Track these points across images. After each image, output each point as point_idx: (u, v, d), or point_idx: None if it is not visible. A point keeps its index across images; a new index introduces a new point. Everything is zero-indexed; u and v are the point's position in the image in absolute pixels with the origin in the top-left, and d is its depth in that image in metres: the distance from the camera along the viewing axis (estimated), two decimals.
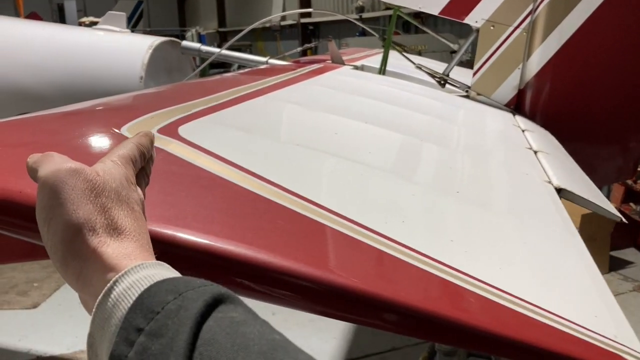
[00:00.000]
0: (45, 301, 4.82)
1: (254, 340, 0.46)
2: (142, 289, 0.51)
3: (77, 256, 0.56)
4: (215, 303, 0.49)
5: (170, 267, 0.57)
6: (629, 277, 5.29)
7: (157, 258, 0.60)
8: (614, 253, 5.60)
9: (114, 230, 0.57)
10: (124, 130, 1.08)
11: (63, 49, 2.79)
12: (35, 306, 4.74)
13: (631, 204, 5.85)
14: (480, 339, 0.71)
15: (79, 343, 4.25)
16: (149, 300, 0.50)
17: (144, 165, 0.70)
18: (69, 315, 4.62)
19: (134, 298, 0.51)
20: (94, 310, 0.53)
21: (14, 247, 1.11)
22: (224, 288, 0.52)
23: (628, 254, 5.84)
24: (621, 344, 0.75)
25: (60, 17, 14.30)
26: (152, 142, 0.72)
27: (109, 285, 0.53)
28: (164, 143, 1.03)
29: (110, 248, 0.56)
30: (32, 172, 0.61)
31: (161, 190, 0.86)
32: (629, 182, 5.48)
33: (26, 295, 4.91)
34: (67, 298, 4.87)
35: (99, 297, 0.53)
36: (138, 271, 0.53)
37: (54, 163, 0.59)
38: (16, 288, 5.03)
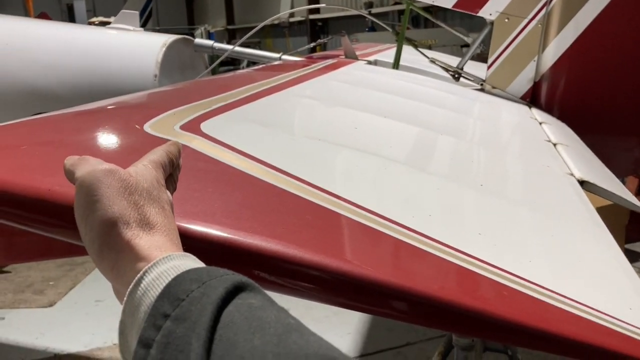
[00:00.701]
0: (61, 300, 4.85)
1: (270, 324, 0.49)
2: (170, 279, 0.55)
3: (112, 248, 0.60)
4: (235, 290, 0.52)
5: (196, 259, 0.61)
6: None
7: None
8: (628, 246, 5.56)
9: (146, 224, 0.62)
10: (147, 127, 1.08)
11: (77, 48, 2.80)
12: (51, 305, 4.77)
13: None
14: (517, 332, 0.70)
15: (95, 340, 4.28)
16: (175, 289, 0.54)
17: (172, 172, 0.75)
18: (85, 313, 4.66)
19: (162, 287, 0.55)
20: (125, 298, 0.57)
21: (30, 246, 1.12)
22: (244, 277, 0.55)
23: None
24: None
25: (69, 17, 14.38)
26: (180, 151, 0.77)
27: (139, 275, 0.57)
28: (187, 139, 1.03)
29: (143, 240, 0.60)
30: (70, 174, 0.67)
31: (188, 186, 0.86)
32: None
33: (42, 294, 4.95)
34: (83, 296, 4.91)
35: (130, 286, 0.57)
36: (166, 262, 0.57)
37: (90, 164, 0.65)
38: (32, 287, 5.07)
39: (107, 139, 1.01)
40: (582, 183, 1.40)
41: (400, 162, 1.22)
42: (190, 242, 0.73)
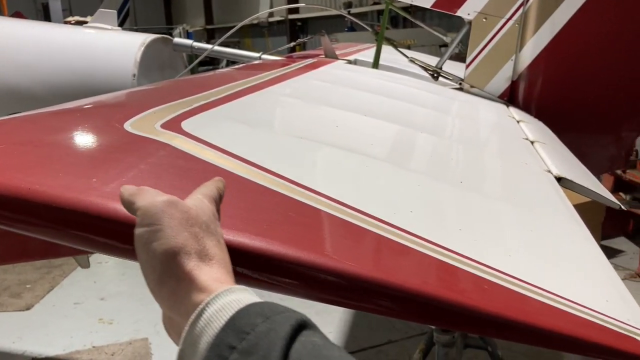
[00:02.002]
0: (39, 302, 4.78)
1: None
2: (233, 311, 0.58)
3: (173, 276, 0.63)
4: (299, 328, 0.56)
5: (252, 292, 0.63)
6: (620, 265, 5.35)
7: None
8: (605, 242, 5.66)
9: (205, 256, 0.64)
10: (127, 126, 1.07)
11: (54, 47, 2.76)
12: (28, 308, 4.70)
13: (621, 193, 5.90)
14: (496, 325, 0.71)
15: (74, 344, 4.22)
16: (240, 321, 0.56)
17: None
18: (64, 316, 4.59)
19: (225, 319, 0.57)
20: (186, 328, 0.59)
21: (5, 248, 1.10)
22: (304, 315, 0.58)
23: (619, 242, 5.91)
24: (635, 327, 0.76)
25: (45, 16, 14.14)
26: (224, 186, 0.78)
27: (202, 305, 0.59)
28: (168, 138, 1.02)
29: (203, 271, 0.63)
30: (129, 203, 0.69)
31: (170, 184, 0.86)
32: (619, 171, 5.53)
33: (19, 297, 4.87)
34: (61, 299, 4.84)
35: (192, 316, 0.59)
36: (228, 294, 0.60)
37: (150, 194, 0.69)
38: (8, 290, 4.99)
39: (87, 138, 1.00)
40: (560, 180, 1.43)
41: (381, 160, 1.23)
42: None
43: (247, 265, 0.73)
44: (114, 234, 0.75)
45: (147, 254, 0.64)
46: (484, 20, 2.65)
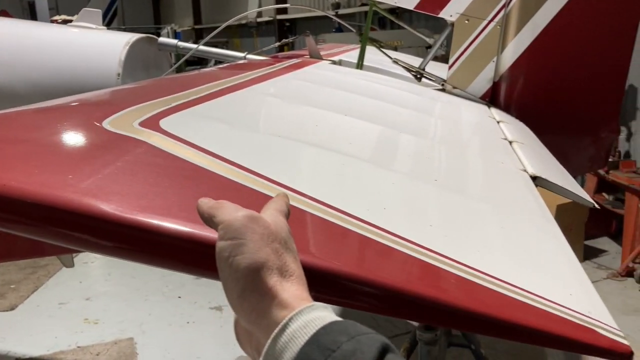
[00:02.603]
0: (23, 303, 4.76)
1: None
2: (317, 328, 0.59)
3: (255, 291, 0.64)
4: (384, 351, 0.57)
5: (331, 309, 0.64)
6: (603, 265, 5.42)
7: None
8: (588, 242, 5.73)
9: (286, 272, 0.65)
10: (106, 124, 1.08)
11: (38, 46, 2.75)
12: (12, 308, 4.68)
13: (604, 193, 5.97)
14: (462, 317, 0.73)
15: (59, 344, 4.21)
16: (324, 338, 0.58)
17: None
18: (48, 316, 4.58)
19: (309, 335, 0.59)
20: (268, 342, 0.61)
21: None
22: (385, 338, 0.60)
23: (602, 242, 5.98)
24: (595, 319, 0.78)
25: (31, 15, 14.03)
26: (289, 200, 0.79)
27: (285, 321, 0.61)
28: (146, 136, 1.04)
29: (284, 288, 0.64)
30: (208, 216, 0.70)
31: (146, 181, 0.87)
32: (602, 172, 5.60)
33: (3, 297, 4.85)
34: (45, 299, 4.82)
35: (275, 331, 0.60)
36: (310, 312, 0.61)
37: (230, 209, 0.69)
38: None
39: (65, 136, 1.01)
40: (535, 179, 1.45)
41: (359, 158, 1.25)
42: (145, 236, 0.75)
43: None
44: (89, 229, 0.76)
45: (230, 268, 0.65)
46: (466, 22, 2.68)
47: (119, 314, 4.66)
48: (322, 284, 0.73)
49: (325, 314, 0.61)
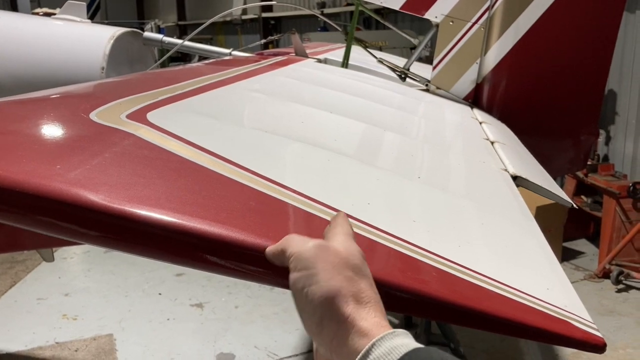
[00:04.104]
0: (0, 298, 4.70)
1: None
2: (400, 355, 0.60)
3: (333, 319, 0.65)
4: None
5: (411, 335, 0.65)
6: (580, 266, 5.51)
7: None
8: (566, 244, 5.82)
9: (362, 299, 0.66)
10: (93, 115, 1.08)
11: (21, 38, 2.72)
12: None
13: (582, 196, 6.06)
14: (442, 309, 0.76)
15: (37, 339, 4.17)
16: None
17: None
18: (26, 312, 4.53)
19: None
20: None
21: None
22: None
23: (580, 244, 6.08)
24: (571, 313, 0.81)
25: (12, 7, 13.83)
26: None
27: (367, 347, 0.61)
28: (133, 128, 1.04)
29: (362, 315, 0.64)
30: (279, 253, 0.72)
31: (133, 172, 0.88)
32: (581, 175, 5.68)
33: None
34: (23, 294, 4.77)
35: (357, 358, 0.61)
36: (392, 338, 0.62)
37: (299, 241, 0.71)
38: None
39: (52, 127, 1.02)
40: (515, 178, 1.49)
41: (343, 155, 1.27)
42: (132, 226, 0.76)
43: (206, 250, 0.76)
44: (77, 219, 0.77)
45: (305, 299, 0.66)
46: (451, 23, 2.71)
47: (99, 310, 4.62)
48: None
49: (408, 341, 0.62)
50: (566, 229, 5.62)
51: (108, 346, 4.11)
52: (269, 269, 0.76)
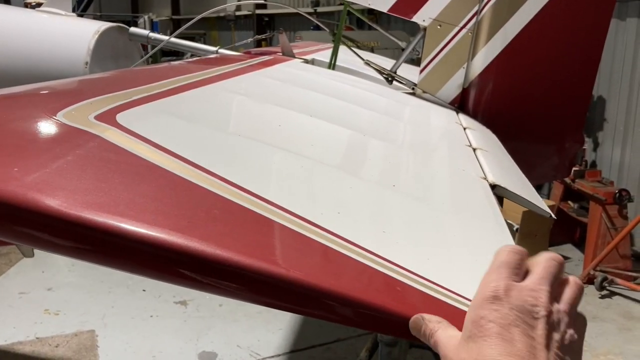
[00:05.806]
0: None
1: None
2: None
3: None
4: None
5: None
6: (566, 272, 5.51)
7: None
8: (552, 249, 5.84)
9: None
10: (60, 116, 1.06)
11: (1, 30, 2.68)
12: None
13: (569, 202, 6.09)
14: (404, 325, 0.74)
15: (17, 334, 4.13)
16: None
17: None
18: (7, 306, 4.49)
19: None
20: None
21: None
22: None
23: (565, 249, 6.10)
24: None
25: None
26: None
27: None
28: (100, 130, 1.02)
29: None
30: (423, 336, 0.73)
31: (95, 177, 0.85)
32: (568, 181, 5.70)
33: None
34: (5, 289, 4.72)
35: None
36: None
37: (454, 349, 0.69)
38: None
39: (15, 126, 0.99)
40: (494, 187, 1.47)
41: (318, 161, 1.25)
42: (89, 233, 0.74)
43: (166, 261, 0.74)
44: (32, 224, 0.75)
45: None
46: (439, 27, 2.70)
47: (81, 306, 4.59)
48: (270, 287, 0.72)
49: None
50: (552, 234, 5.64)
51: (89, 342, 4.08)
52: (224, 281, 0.74)
